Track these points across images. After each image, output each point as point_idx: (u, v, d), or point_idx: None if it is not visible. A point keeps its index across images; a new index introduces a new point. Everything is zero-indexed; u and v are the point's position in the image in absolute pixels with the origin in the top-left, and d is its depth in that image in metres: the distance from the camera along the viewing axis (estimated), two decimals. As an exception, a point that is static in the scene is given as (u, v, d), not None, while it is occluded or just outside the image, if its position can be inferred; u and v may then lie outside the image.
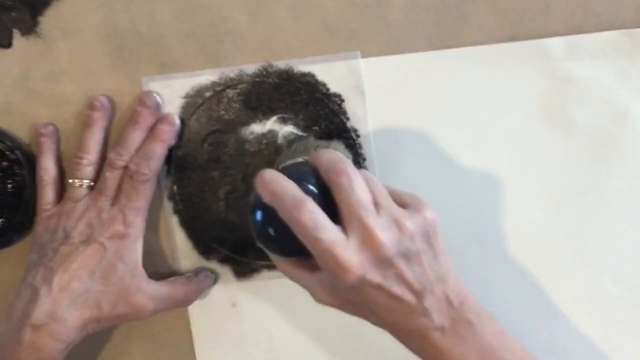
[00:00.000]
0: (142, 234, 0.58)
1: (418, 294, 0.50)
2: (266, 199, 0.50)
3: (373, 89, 0.60)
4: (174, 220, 0.62)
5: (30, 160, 0.61)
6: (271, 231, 0.52)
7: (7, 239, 0.62)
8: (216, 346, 0.63)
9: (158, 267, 0.62)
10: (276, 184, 0.50)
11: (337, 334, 0.63)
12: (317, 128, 0.60)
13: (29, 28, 0.60)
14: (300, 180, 0.51)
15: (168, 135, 0.59)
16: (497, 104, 0.59)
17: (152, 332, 0.64)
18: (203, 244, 0.62)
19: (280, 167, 0.53)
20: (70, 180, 0.59)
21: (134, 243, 0.58)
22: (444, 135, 0.60)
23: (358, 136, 0.60)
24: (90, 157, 0.59)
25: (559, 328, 0.61)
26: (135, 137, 0.59)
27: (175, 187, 0.62)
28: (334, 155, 0.52)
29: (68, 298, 0.55)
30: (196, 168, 0.61)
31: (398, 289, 0.50)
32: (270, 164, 0.61)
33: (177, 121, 0.60)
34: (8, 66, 0.61)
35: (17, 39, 0.61)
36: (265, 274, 0.63)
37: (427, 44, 0.59)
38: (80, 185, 0.59)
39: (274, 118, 0.61)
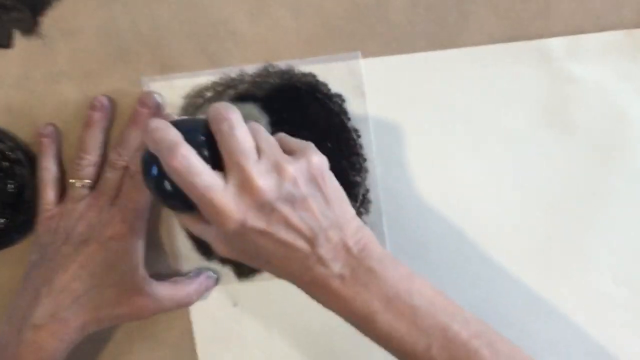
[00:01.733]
0: (143, 234, 0.58)
1: (310, 240, 0.49)
2: (150, 147, 0.50)
3: (374, 89, 0.60)
4: (175, 221, 0.62)
5: (31, 161, 0.61)
6: (167, 185, 0.50)
7: (8, 239, 0.62)
8: (217, 346, 0.63)
9: (159, 268, 0.63)
10: (158, 132, 0.49)
11: (337, 334, 0.63)
12: (318, 128, 0.60)
13: (30, 28, 0.60)
14: (189, 132, 0.50)
15: None
16: (498, 104, 0.59)
17: (153, 332, 0.64)
18: (204, 244, 0.62)
19: (170, 120, 0.52)
20: (71, 181, 0.59)
21: (134, 243, 0.58)
22: (445, 135, 0.60)
23: (359, 136, 0.60)
24: (91, 157, 0.59)
25: (559, 328, 0.61)
26: (136, 137, 0.59)
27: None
28: (220, 105, 0.51)
29: (69, 298, 0.56)
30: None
31: (287, 235, 0.49)
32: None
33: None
34: (8, 66, 0.61)
35: (18, 39, 0.61)
36: (266, 274, 0.62)
37: (427, 44, 0.59)
38: (81, 186, 0.59)
39: (275, 118, 0.61)
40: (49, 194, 0.60)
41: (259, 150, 0.50)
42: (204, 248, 0.63)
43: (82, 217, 0.58)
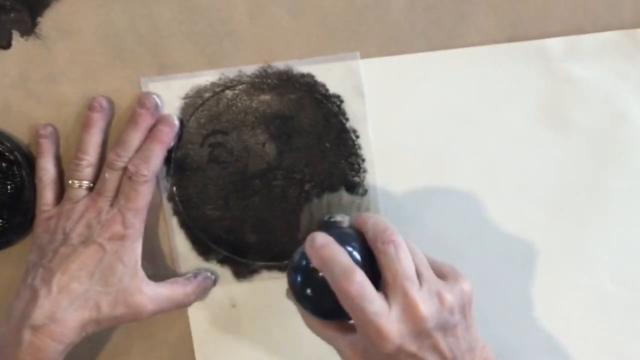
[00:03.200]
0: (142, 235, 0.58)
1: None
2: (315, 262, 0.52)
3: (372, 89, 0.60)
4: (174, 221, 0.62)
5: (29, 161, 0.61)
6: (309, 292, 0.53)
7: (7, 240, 0.62)
8: (216, 346, 0.63)
9: (158, 268, 0.63)
10: (327, 250, 0.52)
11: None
12: (316, 129, 0.60)
13: (28, 29, 0.60)
14: (344, 244, 0.52)
15: (167, 136, 0.59)
16: (496, 104, 0.59)
17: (151, 332, 0.64)
18: (202, 244, 0.62)
19: (328, 231, 0.54)
20: (70, 181, 0.59)
21: (133, 244, 0.58)
22: (444, 135, 0.60)
23: (357, 137, 0.60)
24: (90, 158, 0.59)
25: (557, 327, 0.61)
26: (135, 138, 0.59)
27: (174, 188, 0.62)
28: (380, 222, 0.53)
29: (67, 299, 0.56)
30: (195, 169, 0.61)
31: (432, 358, 0.51)
32: (270, 165, 0.61)
33: (177, 122, 0.60)
34: (7, 67, 0.61)
35: (17, 40, 0.60)
36: (265, 274, 0.63)
37: (426, 45, 0.59)
38: (80, 186, 0.59)
39: (273, 119, 0.61)
40: (47, 194, 0.60)
41: (419, 276, 0.51)
42: (202, 248, 0.63)
43: (81, 217, 0.58)
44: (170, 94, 0.61)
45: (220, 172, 0.61)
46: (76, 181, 0.59)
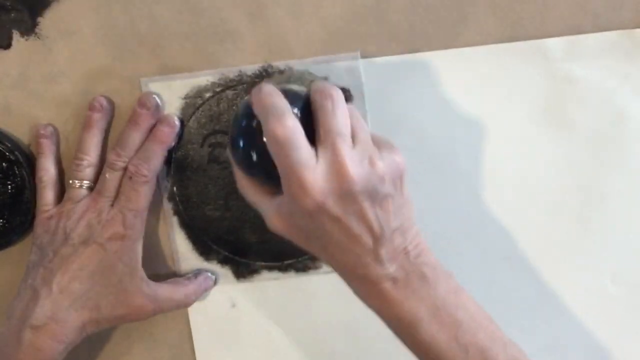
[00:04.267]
0: (142, 235, 0.58)
1: (376, 238, 0.49)
2: (255, 108, 0.50)
3: (373, 89, 0.60)
4: (174, 221, 0.62)
5: (30, 161, 0.61)
6: (242, 143, 0.51)
7: (7, 240, 0.62)
8: (216, 347, 0.63)
9: (158, 268, 0.63)
10: (270, 98, 0.49)
11: (336, 335, 0.63)
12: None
13: (29, 29, 0.60)
14: (292, 103, 0.50)
15: (168, 136, 0.59)
16: (497, 104, 0.59)
17: (152, 332, 0.64)
18: (203, 244, 0.62)
19: (279, 88, 0.52)
20: (70, 181, 0.59)
21: (133, 244, 0.58)
22: (444, 135, 0.60)
23: (358, 137, 0.60)
24: (90, 158, 0.59)
25: (558, 327, 0.61)
26: (135, 138, 0.59)
27: (175, 188, 0.62)
28: (328, 83, 0.51)
29: (68, 299, 0.56)
30: (196, 169, 0.61)
31: (357, 228, 0.48)
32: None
33: (177, 122, 0.60)
34: (7, 67, 0.61)
35: (17, 39, 0.61)
36: (265, 275, 0.63)
37: (426, 45, 0.59)
38: (80, 186, 0.59)
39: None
40: (47, 194, 0.60)
41: (354, 137, 0.49)
42: (202, 248, 0.63)
43: (81, 217, 0.58)
44: (171, 94, 0.61)
45: (220, 172, 0.61)
46: (77, 181, 0.59)
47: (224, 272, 0.63)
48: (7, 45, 0.61)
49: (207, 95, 0.61)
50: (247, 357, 0.63)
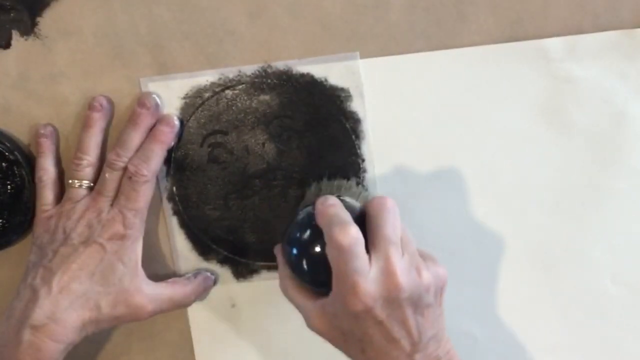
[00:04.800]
0: (142, 234, 0.58)
1: (414, 344, 0.51)
2: (318, 217, 0.53)
3: (372, 89, 0.60)
4: (174, 221, 0.62)
5: (29, 161, 0.61)
6: (297, 250, 0.54)
7: (7, 240, 0.62)
8: (215, 347, 0.63)
9: (158, 269, 0.63)
10: (334, 209, 0.53)
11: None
12: (316, 129, 0.60)
13: (28, 29, 0.60)
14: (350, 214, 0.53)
15: (167, 136, 0.59)
16: (497, 104, 0.59)
17: (151, 332, 0.64)
18: (202, 244, 0.62)
19: (340, 197, 0.56)
20: (70, 181, 0.59)
21: (133, 244, 0.58)
22: (443, 135, 0.60)
23: (357, 137, 0.60)
24: (90, 158, 0.59)
25: (558, 327, 0.61)
26: (135, 138, 0.59)
27: (174, 188, 0.62)
28: (382, 196, 0.53)
29: (67, 299, 0.56)
30: (195, 169, 0.61)
31: (398, 332, 0.51)
32: (270, 165, 0.61)
33: (177, 122, 0.60)
34: (7, 67, 0.61)
35: (16, 39, 0.60)
36: (265, 274, 0.63)
37: (426, 45, 0.59)
38: (80, 186, 0.59)
39: (272, 119, 0.61)
40: (47, 194, 0.60)
41: (403, 247, 0.52)
42: (202, 248, 0.63)
43: (81, 217, 0.58)
44: (170, 94, 0.61)
45: (220, 172, 0.61)
46: (76, 181, 0.59)
47: (224, 272, 0.63)
48: (7, 45, 0.60)
49: (207, 95, 0.61)
50: (247, 357, 0.63)
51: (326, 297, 0.52)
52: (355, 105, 0.60)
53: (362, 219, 0.53)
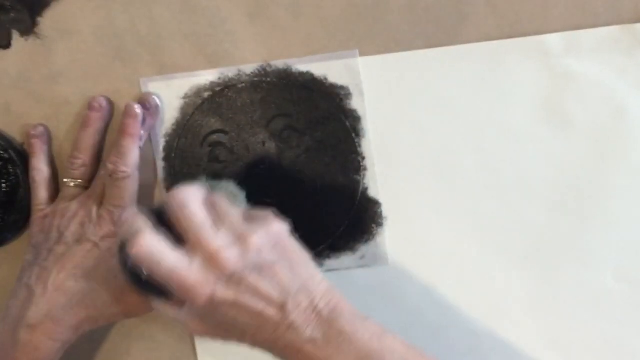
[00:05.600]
0: None
1: (280, 307, 0.49)
2: (116, 240, 0.52)
3: (372, 87, 0.60)
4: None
5: (24, 160, 0.61)
6: (139, 274, 0.50)
7: (2, 239, 0.61)
8: (217, 346, 0.62)
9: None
10: (125, 224, 0.50)
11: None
12: (316, 127, 0.60)
13: (28, 29, 0.60)
14: (158, 218, 0.51)
15: (133, 127, 0.58)
16: (496, 100, 0.59)
17: (151, 332, 0.63)
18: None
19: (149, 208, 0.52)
20: (65, 180, 0.59)
21: None
22: (444, 132, 0.60)
23: (357, 135, 0.60)
24: (85, 157, 0.59)
25: (559, 324, 0.61)
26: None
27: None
28: (176, 190, 0.51)
29: (63, 298, 0.55)
30: (196, 168, 0.61)
31: (257, 304, 0.49)
32: (270, 164, 0.61)
33: (138, 111, 0.59)
34: (7, 67, 0.61)
35: (16, 39, 0.61)
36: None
37: (425, 44, 0.59)
38: (74, 185, 0.59)
39: (272, 118, 0.60)
40: (41, 194, 0.60)
41: (218, 223, 0.50)
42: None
43: (75, 216, 0.57)
44: (170, 94, 0.61)
45: (220, 171, 0.61)
46: (71, 180, 0.59)
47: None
48: (7, 45, 0.61)
49: (207, 94, 0.61)
50: (249, 356, 0.62)
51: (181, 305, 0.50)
52: (355, 103, 0.60)
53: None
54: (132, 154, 0.58)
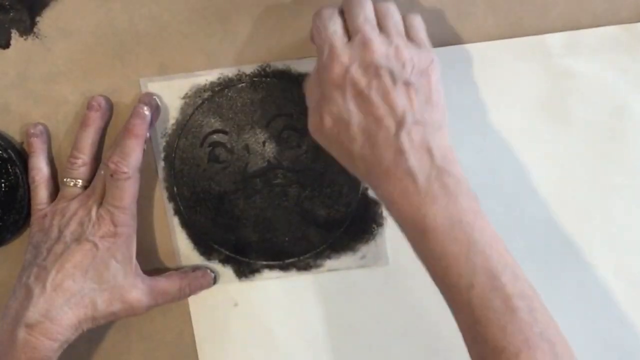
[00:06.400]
0: (134, 230, 0.58)
1: (398, 122, 0.49)
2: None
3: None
4: (175, 221, 0.62)
5: (24, 160, 0.61)
6: None
7: (1, 239, 0.61)
8: (218, 346, 0.63)
9: (158, 267, 0.62)
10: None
11: (338, 334, 0.62)
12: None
13: (27, 28, 0.60)
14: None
15: (140, 128, 0.58)
16: (496, 100, 0.59)
17: (151, 332, 0.63)
18: (204, 244, 0.62)
19: None
20: (65, 180, 0.59)
21: (126, 241, 0.57)
22: (444, 131, 0.60)
23: (358, 135, 0.60)
24: (84, 157, 0.59)
25: (559, 322, 0.60)
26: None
27: (175, 188, 0.61)
28: None
29: (62, 297, 0.55)
30: (196, 168, 0.61)
31: (380, 107, 0.50)
32: (270, 163, 0.61)
33: (147, 112, 0.58)
34: (6, 66, 0.60)
35: (16, 39, 0.60)
36: (267, 274, 0.62)
37: (425, 44, 0.59)
38: (74, 185, 0.59)
39: (272, 118, 0.60)
40: (41, 193, 0.59)
41: (382, 26, 0.52)
42: (203, 248, 0.62)
43: (74, 215, 0.57)
44: (170, 94, 0.60)
45: (220, 171, 0.61)
46: (70, 179, 0.59)
47: (226, 272, 0.62)
48: (6, 45, 0.60)
49: (207, 94, 0.60)
50: (249, 356, 0.63)
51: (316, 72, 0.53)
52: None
53: None
54: (135, 155, 0.57)
